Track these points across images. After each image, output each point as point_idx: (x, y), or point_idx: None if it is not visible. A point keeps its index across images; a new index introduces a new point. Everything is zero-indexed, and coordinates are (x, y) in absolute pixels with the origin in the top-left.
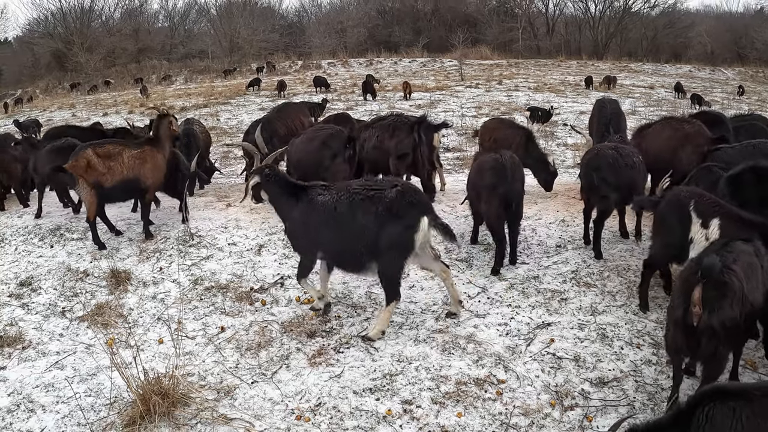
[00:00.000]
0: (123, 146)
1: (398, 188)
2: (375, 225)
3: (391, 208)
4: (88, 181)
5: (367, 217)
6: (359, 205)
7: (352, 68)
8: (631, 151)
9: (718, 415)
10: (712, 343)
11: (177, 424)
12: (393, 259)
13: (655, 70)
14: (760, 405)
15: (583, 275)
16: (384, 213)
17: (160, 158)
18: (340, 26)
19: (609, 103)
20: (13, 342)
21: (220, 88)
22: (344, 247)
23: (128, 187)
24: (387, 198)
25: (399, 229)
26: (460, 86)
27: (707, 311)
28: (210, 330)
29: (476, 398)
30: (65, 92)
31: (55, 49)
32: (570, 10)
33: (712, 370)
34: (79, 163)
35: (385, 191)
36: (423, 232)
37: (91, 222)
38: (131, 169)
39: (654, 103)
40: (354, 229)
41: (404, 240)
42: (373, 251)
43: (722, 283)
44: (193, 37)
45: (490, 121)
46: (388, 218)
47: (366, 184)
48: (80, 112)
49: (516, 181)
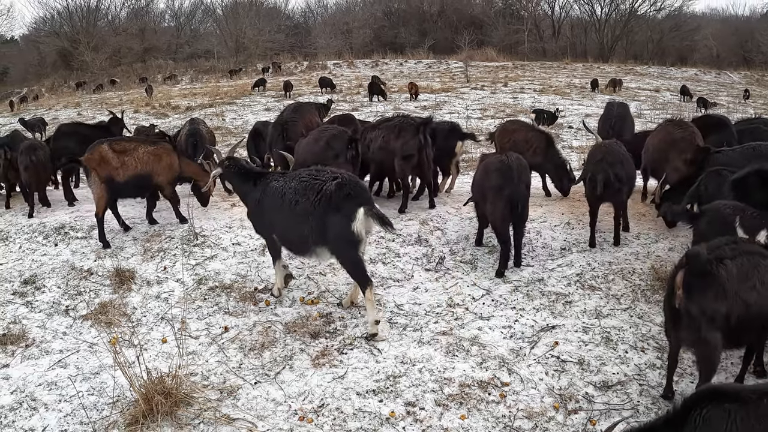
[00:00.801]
0: (139, 142)
1: (338, 180)
2: (317, 213)
3: (331, 199)
4: (100, 175)
5: (308, 205)
6: (302, 193)
7: (358, 69)
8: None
9: (713, 417)
10: (693, 327)
11: (180, 423)
12: (343, 248)
13: (661, 73)
14: (756, 407)
15: (588, 278)
16: (324, 203)
17: (175, 158)
18: (346, 27)
19: (617, 106)
20: (17, 340)
21: (226, 88)
22: (291, 231)
23: (140, 183)
24: (327, 190)
25: (338, 219)
26: (466, 88)
27: (686, 296)
28: (213, 330)
29: (480, 401)
30: (71, 91)
31: (61, 48)
32: (576, 12)
33: (701, 356)
34: (94, 156)
35: (326, 183)
36: (360, 222)
37: (99, 218)
38: (145, 164)
39: (659, 106)
40: (298, 215)
41: (346, 230)
42: (320, 238)
43: (706, 272)
44: (198, 36)
45: (509, 123)
46: (328, 209)
47: (312, 173)
48: (86, 111)
49: (522, 182)
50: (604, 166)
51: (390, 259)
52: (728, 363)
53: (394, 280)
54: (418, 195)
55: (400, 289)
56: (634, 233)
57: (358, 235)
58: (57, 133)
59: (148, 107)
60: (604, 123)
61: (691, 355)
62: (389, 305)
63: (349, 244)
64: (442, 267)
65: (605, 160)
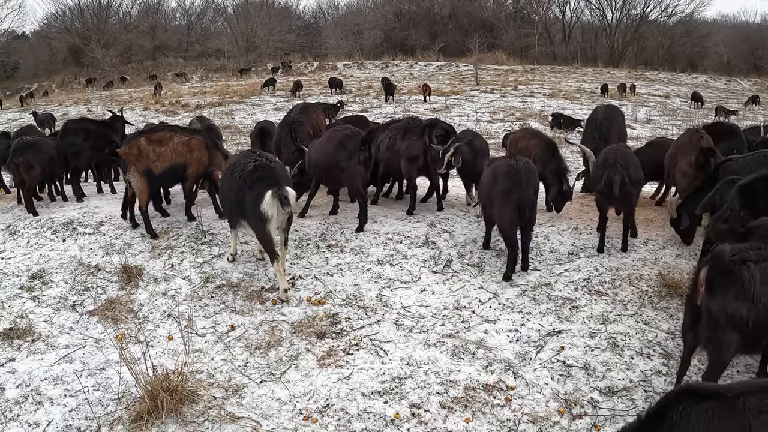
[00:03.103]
0: (174, 132)
1: (255, 163)
2: (237, 191)
3: (246, 179)
4: (139, 168)
5: (232, 183)
6: (231, 172)
7: (368, 70)
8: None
9: (692, 415)
10: (711, 326)
11: (184, 421)
12: (256, 225)
13: (671, 79)
14: (733, 405)
15: (595, 283)
16: (241, 182)
17: (205, 153)
18: (357, 28)
19: (603, 109)
20: (23, 334)
21: (236, 87)
22: (225, 204)
23: (175, 174)
24: (245, 170)
25: (250, 198)
26: (475, 91)
27: (708, 293)
28: (220, 328)
29: (485, 404)
30: (81, 87)
31: (72, 45)
32: (587, 17)
33: (713, 356)
34: (132, 150)
35: (247, 164)
36: (268, 203)
37: (143, 211)
38: (180, 155)
39: (669, 113)
40: (226, 189)
41: (256, 209)
42: (241, 213)
43: (730, 271)
44: (209, 35)
45: (519, 132)
46: (244, 188)
47: (245, 155)
48: (95, 108)
49: (530, 187)
50: (619, 169)
51: (397, 261)
52: (733, 371)
53: (401, 282)
54: (427, 197)
55: (407, 291)
56: (642, 239)
57: (269, 214)
58: (64, 129)
59: (157, 105)
60: (587, 126)
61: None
62: (396, 307)
63: (260, 222)
64: (449, 269)
65: (619, 163)
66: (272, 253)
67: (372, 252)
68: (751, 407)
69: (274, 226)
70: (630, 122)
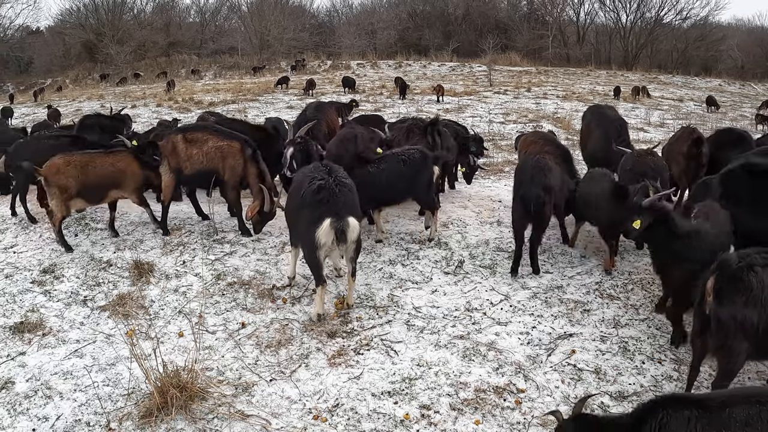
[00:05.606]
0: (211, 134)
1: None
2: (298, 209)
3: (306, 197)
4: (171, 165)
5: (296, 199)
6: (299, 186)
7: (381, 70)
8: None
9: (672, 424)
10: (720, 334)
11: (194, 417)
12: (306, 247)
13: (685, 82)
14: (718, 415)
15: (607, 287)
16: (303, 200)
17: (240, 159)
18: (371, 27)
19: (590, 112)
20: (34, 328)
21: (249, 85)
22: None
23: (207, 177)
24: (310, 188)
25: (308, 219)
26: (489, 92)
27: (716, 302)
28: (230, 325)
29: (495, 406)
30: (95, 83)
31: (86, 40)
32: (601, 19)
33: (723, 364)
34: (167, 145)
35: (313, 182)
36: (324, 232)
37: (165, 205)
38: (211, 160)
39: (682, 116)
40: (291, 205)
41: (311, 233)
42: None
43: (737, 278)
44: (223, 33)
45: (530, 134)
46: (304, 206)
47: (315, 169)
48: (109, 103)
49: (536, 185)
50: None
51: (409, 261)
52: (745, 378)
53: (413, 282)
54: None
55: (419, 292)
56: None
57: (318, 241)
58: (80, 123)
59: (171, 101)
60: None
61: (713, 364)
62: (407, 307)
63: (312, 245)
64: (461, 271)
65: (650, 168)
66: (319, 278)
67: (384, 252)
68: (738, 419)
69: (324, 253)
70: (644, 125)
